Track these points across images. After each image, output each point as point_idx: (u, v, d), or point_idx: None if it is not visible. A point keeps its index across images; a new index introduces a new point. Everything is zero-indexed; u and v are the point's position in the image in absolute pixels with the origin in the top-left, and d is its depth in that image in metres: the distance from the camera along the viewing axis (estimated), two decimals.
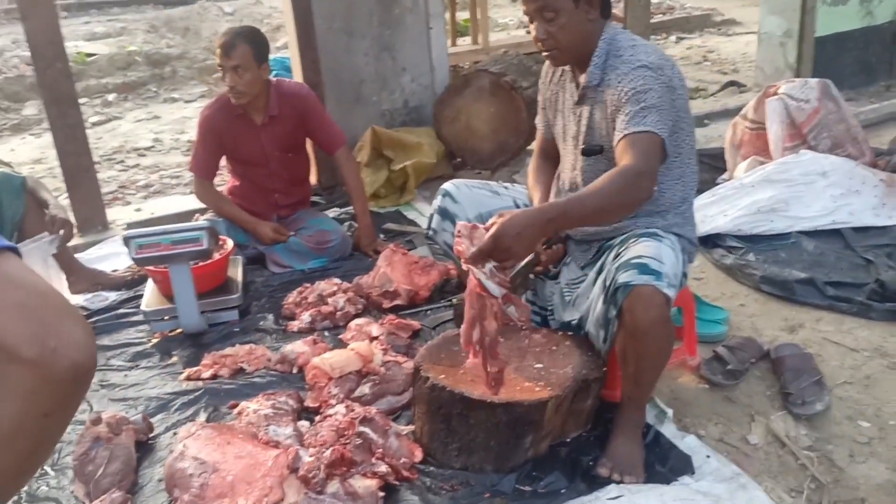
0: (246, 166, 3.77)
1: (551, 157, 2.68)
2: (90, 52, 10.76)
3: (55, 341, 0.85)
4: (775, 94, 3.91)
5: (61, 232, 3.28)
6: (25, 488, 2.27)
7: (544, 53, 2.36)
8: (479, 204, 2.64)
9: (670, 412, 2.37)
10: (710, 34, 9.98)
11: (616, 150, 2.19)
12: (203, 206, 3.88)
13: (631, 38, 2.33)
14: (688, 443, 2.26)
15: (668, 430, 2.31)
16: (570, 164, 2.50)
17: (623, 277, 2.05)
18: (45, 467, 2.36)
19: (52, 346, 0.84)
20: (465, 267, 2.05)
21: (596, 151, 2.36)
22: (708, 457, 2.20)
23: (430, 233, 2.74)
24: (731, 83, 6.78)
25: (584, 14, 2.27)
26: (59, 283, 3.45)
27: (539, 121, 2.71)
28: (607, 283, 2.12)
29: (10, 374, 0.84)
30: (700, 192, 3.74)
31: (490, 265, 2.02)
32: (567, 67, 2.46)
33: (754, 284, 3.21)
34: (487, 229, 2.02)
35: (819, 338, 2.82)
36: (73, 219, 4.07)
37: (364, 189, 3.94)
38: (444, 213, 2.66)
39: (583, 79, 2.36)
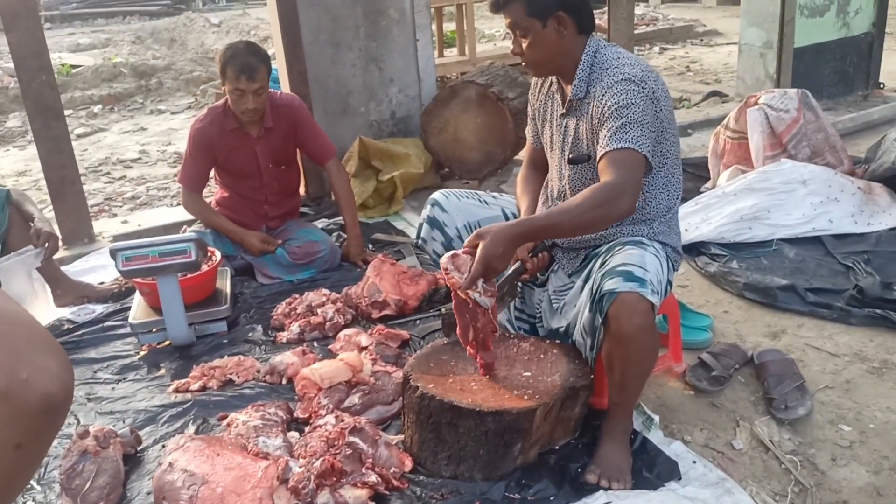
0: (237, 178, 3.77)
1: (540, 167, 2.72)
2: (75, 63, 10.75)
3: (27, 372, 0.82)
4: (755, 104, 3.97)
5: (46, 245, 3.28)
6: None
7: (523, 66, 2.43)
8: (467, 213, 2.67)
9: (657, 418, 2.40)
10: (693, 45, 10.09)
11: (598, 167, 2.23)
12: (190, 217, 3.89)
13: (615, 52, 2.36)
14: (674, 448, 2.28)
15: (655, 437, 2.33)
16: (558, 172, 2.53)
17: (608, 285, 2.08)
18: (32, 482, 2.35)
19: (24, 377, 0.81)
20: (462, 295, 2.14)
21: (583, 160, 2.40)
22: (694, 462, 2.23)
23: (420, 242, 2.76)
24: (714, 93, 6.86)
25: (554, 33, 2.30)
26: (44, 296, 3.44)
27: (528, 131, 2.74)
28: (593, 291, 2.15)
29: None
30: (684, 200, 3.79)
31: (480, 283, 2.12)
32: (554, 79, 2.50)
33: (738, 291, 3.25)
34: (468, 253, 2.14)
35: (801, 343, 2.86)
36: (58, 232, 4.08)
37: (354, 199, 3.95)
38: (433, 223, 2.68)
39: (569, 91, 2.40)
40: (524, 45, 2.34)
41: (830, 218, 3.55)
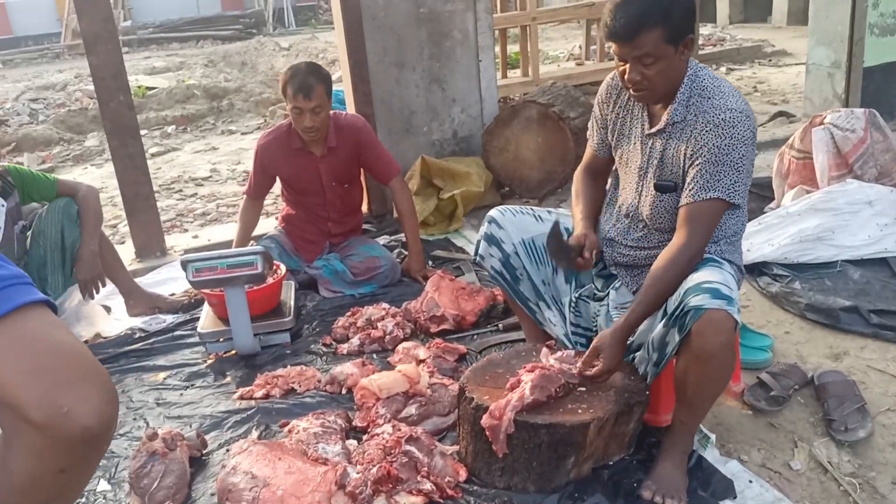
0: (302, 196, 3.87)
1: (598, 176, 2.68)
2: (150, 85, 11.12)
3: (68, 405, 0.84)
4: (821, 124, 3.91)
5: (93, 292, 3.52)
6: (83, 500, 2.37)
7: (633, 93, 2.29)
8: (523, 230, 2.69)
9: (713, 437, 2.38)
10: (760, 65, 9.94)
11: (679, 213, 2.25)
12: (258, 232, 4.01)
13: (712, 77, 2.29)
14: (730, 467, 2.27)
15: (711, 455, 2.32)
16: (633, 191, 2.45)
17: (694, 301, 2.04)
18: (102, 480, 2.47)
19: (64, 410, 0.84)
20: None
21: (670, 189, 2.32)
22: (750, 482, 2.21)
23: (477, 259, 2.78)
24: (781, 113, 6.75)
25: (681, 57, 2.21)
26: (104, 317, 3.64)
27: (594, 137, 2.64)
28: (672, 308, 2.13)
29: (22, 433, 0.84)
30: (748, 220, 3.76)
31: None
32: None
33: (799, 312, 3.21)
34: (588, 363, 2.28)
35: (863, 365, 2.81)
36: (124, 252, 4.22)
37: (416, 217, 4.01)
38: (490, 240, 2.70)
39: (663, 114, 2.32)
40: (650, 73, 2.19)
41: None
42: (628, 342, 2.40)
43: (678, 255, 2.18)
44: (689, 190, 2.22)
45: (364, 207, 4.45)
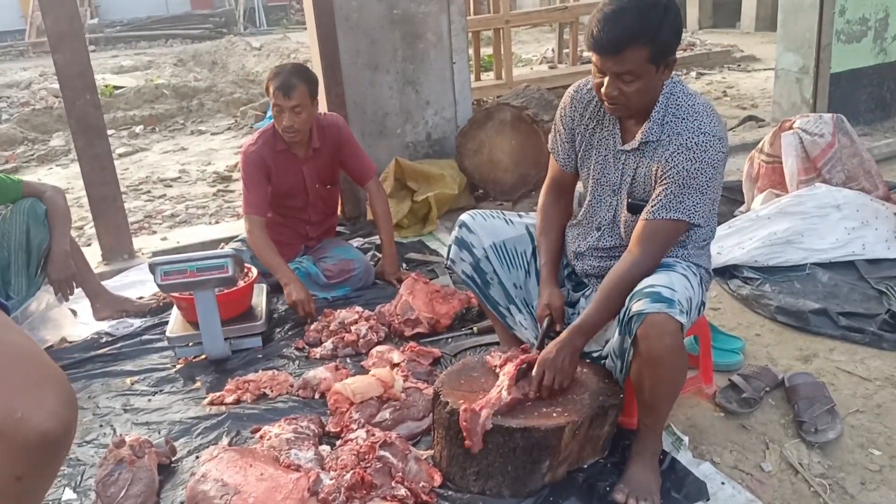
0: (284, 199, 3.79)
1: (565, 193, 2.64)
2: (118, 84, 10.98)
3: (23, 410, 0.81)
4: (790, 128, 3.95)
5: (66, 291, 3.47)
6: None
7: (607, 106, 2.26)
8: (493, 233, 2.67)
9: (686, 439, 2.40)
10: (730, 70, 10.05)
11: (637, 225, 2.25)
12: (228, 234, 3.95)
13: (687, 95, 2.28)
14: (703, 470, 2.28)
15: (684, 457, 2.34)
16: (606, 207, 2.44)
17: (636, 306, 2.08)
18: (68, 489, 2.41)
19: (19, 415, 0.81)
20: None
21: (642, 209, 2.31)
22: (723, 483, 2.23)
23: (449, 263, 2.78)
24: (750, 118, 6.83)
25: (660, 77, 2.21)
26: (71, 321, 3.58)
27: (558, 151, 2.57)
28: (622, 314, 2.16)
29: None
30: (718, 224, 3.79)
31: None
32: None
33: (770, 314, 3.24)
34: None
35: (832, 367, 2.84)
36: (94, 253, 4.15)
37: (391, 219, 3.97)
38: (461, 244, 2.68)
39: (637, 132, 2.30)
40: (628, 90, 2.17)
41: (864, 243, 3.52)
42: (597, 352, 2.42)
43: (629, 271, 2.21)
44: (652, 206, 2.23)
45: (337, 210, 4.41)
